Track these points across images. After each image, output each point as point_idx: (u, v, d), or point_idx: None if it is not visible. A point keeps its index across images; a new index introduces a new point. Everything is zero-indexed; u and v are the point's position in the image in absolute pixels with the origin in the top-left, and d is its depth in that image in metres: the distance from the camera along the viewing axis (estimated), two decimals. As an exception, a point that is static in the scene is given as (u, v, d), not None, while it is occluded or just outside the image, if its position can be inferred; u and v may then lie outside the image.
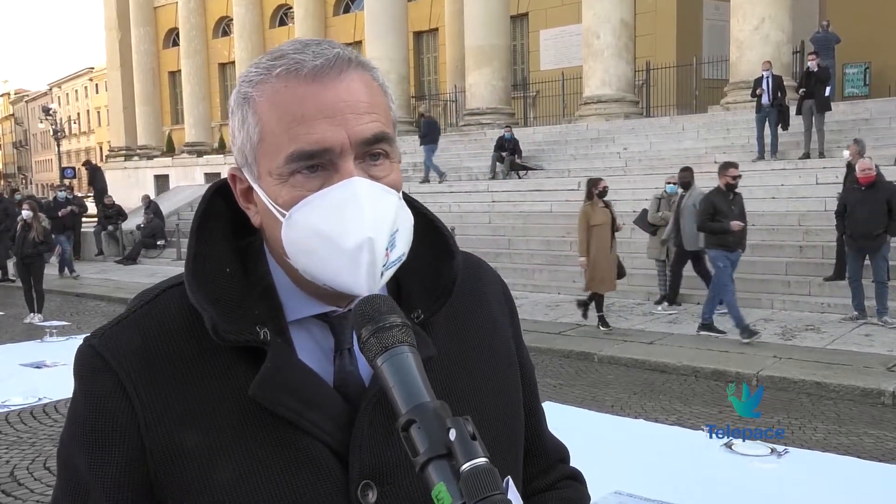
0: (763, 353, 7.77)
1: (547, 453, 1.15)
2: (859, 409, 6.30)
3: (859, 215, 8.80)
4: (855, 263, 8.97)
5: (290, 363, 0.89)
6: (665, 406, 6.50)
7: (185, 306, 0.91)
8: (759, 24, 15.99)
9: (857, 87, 20.62)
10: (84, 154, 75.98)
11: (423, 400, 0.74)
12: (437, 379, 0.94)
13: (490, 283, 1.10)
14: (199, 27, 32.45)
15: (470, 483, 0.68)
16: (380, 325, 0.78)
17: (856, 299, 9.07)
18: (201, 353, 0.90)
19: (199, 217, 0.96)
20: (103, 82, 53.01)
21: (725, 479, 4.80)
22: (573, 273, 11.28)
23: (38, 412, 6.45)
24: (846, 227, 9.06)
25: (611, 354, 8.11)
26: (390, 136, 0.90)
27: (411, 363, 0.76)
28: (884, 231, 8.67)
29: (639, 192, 13.62)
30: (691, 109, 19.18)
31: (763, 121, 13.87)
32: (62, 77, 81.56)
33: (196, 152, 29.61)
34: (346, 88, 0.87)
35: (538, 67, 25.05)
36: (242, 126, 0.90)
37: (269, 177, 0.89)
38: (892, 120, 14.19)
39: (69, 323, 11.26)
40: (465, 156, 19.39)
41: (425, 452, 0.70)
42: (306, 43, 0.90)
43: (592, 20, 18.55)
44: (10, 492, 4.85)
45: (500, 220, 14.85)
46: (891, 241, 8.90)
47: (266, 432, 0.87)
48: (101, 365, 0.90)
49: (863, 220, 8.77)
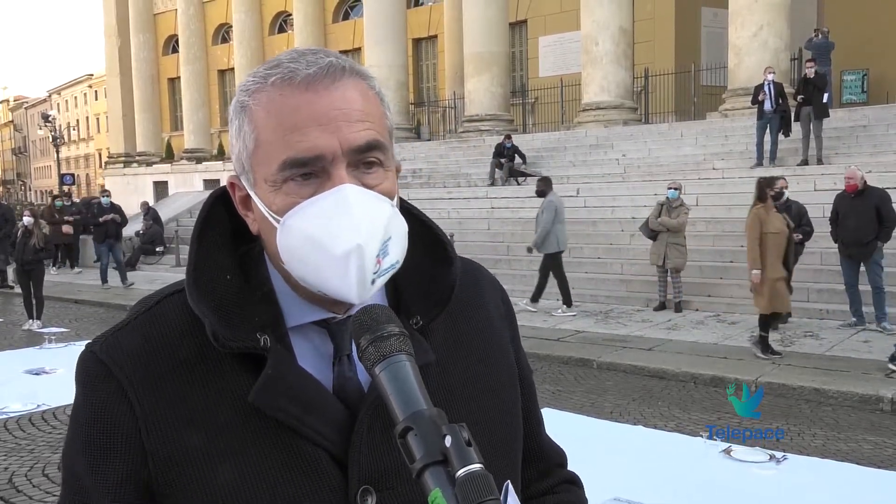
0: (762, 360, 7.77)
1: (545, 457, 1.15)
2: (858, 416, 6.31)
3: (849, 223, 8.85)
4: (849, 270, 8.99)
5: (291, 369, 0.90)
6: (664, 412, 6.50)
7: (185, 313, 0.92)
8: (758, 30, 16.03)
9: (855, 93, 20.67)
10: (83, 161, 76.08)
11: (420, 407, 0.75)
12: (435, 384, 0.94)
13: (488, 289, 1.11)
14: (199, 34, 32.48)
15: (465, 489, 0.69)
16: (378, 334, 0.79)
17: (853, 305, 9.08)
18: (202, 358, 0.91)
19: (199, 225, 0.97)
20: (103, 89, 53.03)
21: (724, 486, 4.80)
22: (572, 279, 11.28)
23: (37, 419, 6.44)
24: (838, 235, 9.10)
25: (610, 361, 8.11)
26: (384, 145, 0.91)
27: (409, 371, 0.77)
28: (874, 238, 8.70)
29: (637, 198, 13.65)
30: (690, 116, 19.22)
31: (764, 127, 13.88)
32: (61, 84, 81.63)
33: (195, 159, 29.61)
34: (340, 96, 0.88)
35: (537, 74, 25.09)
36: (239, 134, 0.91)
37: (264, 184, 0.90)
38: (889, 127, 14.22)
39: (68, 329, 11.24)
40: (463, 162, 19.42)
41: (421, 459, 0.71)
42: (302, 52, 0.91)
43: (591, 27, 18.59)
44: (8, 499, 4.84)
45: (499, 226, 14.87)
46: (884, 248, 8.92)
47: (266, 437, 0.88)
48: (102, 371, 0.91)
49: (853, 227, 8.81)
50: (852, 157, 13.37)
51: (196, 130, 31.46)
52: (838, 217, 9.05)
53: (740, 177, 13.81)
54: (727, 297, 10.74)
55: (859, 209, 8.75)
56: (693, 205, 12.26)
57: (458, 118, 23.81)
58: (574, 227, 13.82)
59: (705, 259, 11.61)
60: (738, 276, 10.97)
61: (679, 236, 10.39)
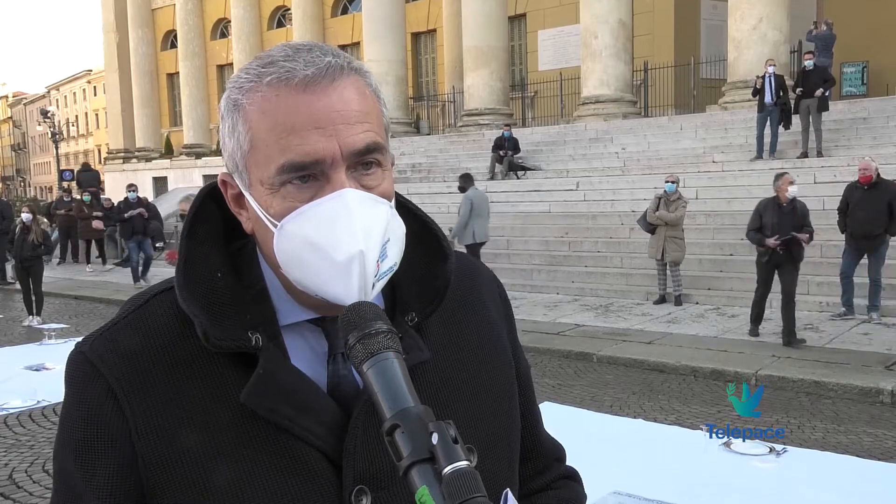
0: (762, 353, 7.78)
1: (543, 453, 1.15)
2: (858, 408, 6.31)
3: (860, 215, 8.78)
4: (851, 261, 8.96)
5: (283, 369, 0.89)
6: (664, 406, 6.51)
7: (176, 310, 0.91)
8: (757, 23, 16.00)
9: (855, 86, 20.65)
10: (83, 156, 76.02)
11: (407, 405, 0.74)
12: (431, 381, 0.94)
13: (485, 284, 1.10)
14: (198, 29, 32.43)
15: (452, 486, 0.68)
16: (365, 331, 0.78)
17: (845, 295, 9.11)
18: (194, 357, 0.89)
19: (189, 222, 0.95)
20: (101, 85, 52.90)
21: (724, 479, 4.80)
22: (572, 273, 11.30)
23: (37, 415, 6.45)
24: (846, 226, 9.03)
25: (610, 354, 8.11)
26: (382, 145, 0.90)
27: (396, 369, 0.77)
28: (884, 231, 8.66)
29: (637, 191, 13.64)
30: (689, 109, 19.20)
31: (765, 120, 13.86)
32: (60, 79, 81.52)
33: (194, 154, 29.59)
34: (339, 98, 0.86)
35: (536, 68, 25.06)
36: (232, 133, 0.89)
37: (260, 186, 0.88)
38: (889, 119, 14.20)
39: (68, 325, 11.25)
40: (463, 156, 19.39)
41: (408, 456, 0.71)
42: (297, 48, 0.88)
43: (590, 20, 18.55)
44: (8, 494, 4.84)
45: (498, 220, 14.82)
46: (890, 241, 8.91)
47: (259, 438, 0.87)
48: (91, 371, 0.90)
49: (863, 219, 8.75)
50: (852, 150, 13.37)
51: (195, 126, 31.44)
52: (848, 207, 8.98)
53: (740, 170, 13.81)
54: (727, 290, 10.73)
55: (871, 201, 8.70)
56: (693, 198, 12.26)
57: (457, 112, 23.78)
58: (574, 220, 13.84)
59: (705, 252, 11.62)
60: (738, 269, 10.98)
61: (677, 230, 10.38)
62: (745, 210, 12.17)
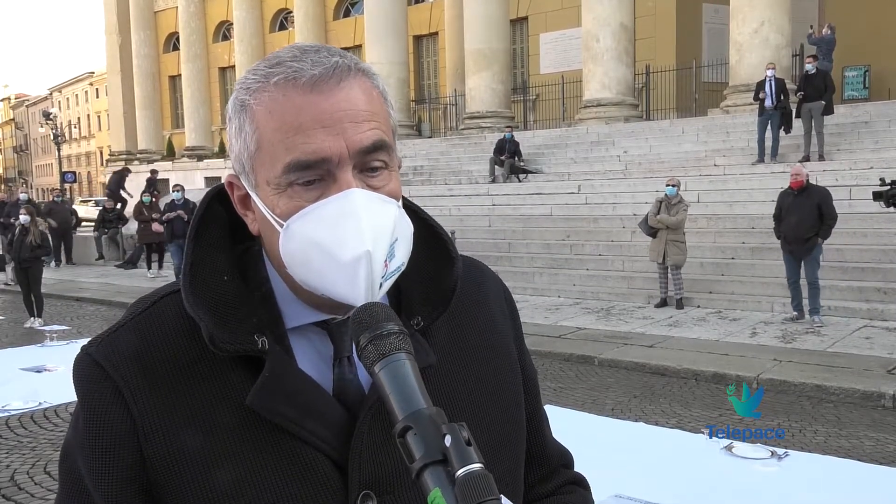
0: (763, 356, 7.77)
1: (549, 458, 1.14)
2: (859, 412, 6.30)
3: (792, 220, 9.04)
4: (791, 266, 9.20)
5: (289, 372, 0.89)
6: (665, 409, 6.50)
7: (183, 312, 0.91)
8: (759, 27, 16.01)
9: (857, 89, 20.64)
10: (84, 158, 76.08)
11: (420, 406, 0.74)
12: (436, 386, 0.93)
13: (491, 287, 1.09)
14: (200, 31, 32.49)
15: (465, 488, 0.68)
16: (377, 332, 0.78)
17: (794, 300, 9.34)
18: (200, 359, 0.89)
19: (196, 224, 0.95)
20: (104, 87, 53.01)
21: (726, 482, 4.80)
22: (573, 276, 11.29)
23: (39, 416, 6.44)
24: (780, 232, 9.28)
25: (611, 358, 8.10)
26: (389, 144, 0.89)
27: (408, 370, 0.76)
28: (815, 234, 8.89)
29: (639, 195, 13.63)
30: (691, 112, 19.21)
31: (765, 124, 13.86)
32: (63, 82, 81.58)
33: (196, 156, 29.64)
34: (346, 97, 0.86)
35: (538, 71, 25.08)
36: (239, 134, 0.89)
37: (266, 186, 0.88)
38: (891, 122, 14.20)
39: (69, 327, 11.25)
40: (465, 159, 19.41)
41: (421, 458, 0.70)
42: (304, 49, 0.88)
43: (592, 24, 18.57)
44: (10, 496, 4.84)
45: (500, 223, 14.85)
46: (824, 244, 9.15)
47: (265, 441, 0.87)
48: (98, 373, 0.90)
49: (794, 224, 9.00)
50: (854, 154, 13.38)
51: (197, 128, 31.50)
52: (781, 213, 9.23)
53: (741, 173, 13.81)
54: (729, 293, 10.73)
55: (802, 206, 8.94)
56: (694, 201, 12.26)
57: (459, 115, 23.80)
58: (575, 223, 13.84)
59: (707, 256, 11.61)
60: (740, 272, 10.99)
61: (678, 233, 10.38)
62: (747, 213, 12.23)
